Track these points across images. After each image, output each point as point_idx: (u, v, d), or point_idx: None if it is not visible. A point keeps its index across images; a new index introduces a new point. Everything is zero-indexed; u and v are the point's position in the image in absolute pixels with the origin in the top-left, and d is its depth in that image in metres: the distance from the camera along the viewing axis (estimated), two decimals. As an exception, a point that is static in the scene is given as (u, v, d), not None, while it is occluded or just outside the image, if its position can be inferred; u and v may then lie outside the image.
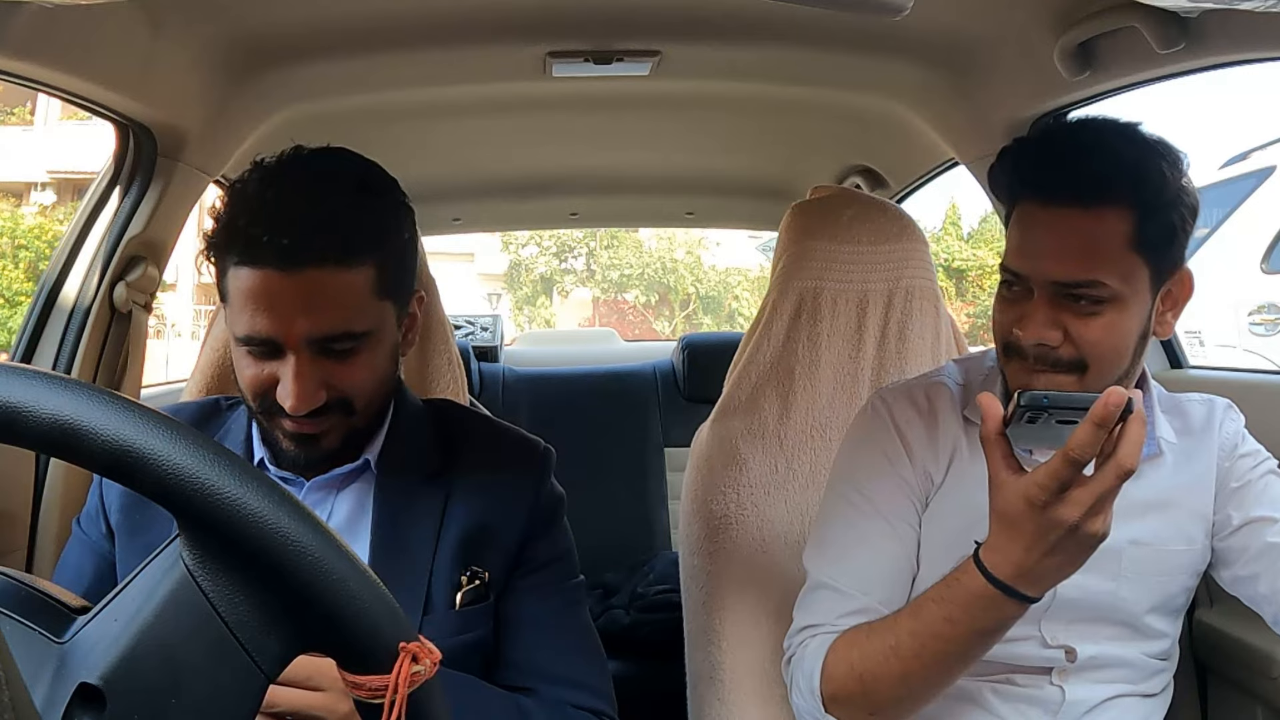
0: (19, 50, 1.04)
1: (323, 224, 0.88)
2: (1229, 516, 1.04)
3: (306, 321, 0.88)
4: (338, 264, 0.89)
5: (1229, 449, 1.07)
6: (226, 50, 1.37)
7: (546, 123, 1.97)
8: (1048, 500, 0.78)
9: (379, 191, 0.95)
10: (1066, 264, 0.92)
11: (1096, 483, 0.77)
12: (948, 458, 1.06)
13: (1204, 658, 1.31)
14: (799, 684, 1.00)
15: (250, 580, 0.50)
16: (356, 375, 0.93)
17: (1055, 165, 0.94)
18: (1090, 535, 0.79)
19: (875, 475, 1.06)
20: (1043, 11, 1.26)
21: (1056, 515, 0.78)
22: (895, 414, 1.08)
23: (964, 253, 18.18)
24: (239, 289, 0.89)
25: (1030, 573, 0.82)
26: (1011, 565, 0.82)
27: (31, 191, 16.06)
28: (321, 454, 0.96)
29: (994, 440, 0.82)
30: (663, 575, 2.25)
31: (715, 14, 1.39)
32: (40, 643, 0.50)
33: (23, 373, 0.48)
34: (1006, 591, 0.83)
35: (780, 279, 1.38)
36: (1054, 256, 0.93)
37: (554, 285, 20.95)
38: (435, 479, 1.01)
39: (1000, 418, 0.81)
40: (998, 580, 0.83)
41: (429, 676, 0.53)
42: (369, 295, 0.92)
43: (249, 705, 0.51)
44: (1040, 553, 0.80)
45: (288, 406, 0.90)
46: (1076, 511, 0.77)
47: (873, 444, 1.08)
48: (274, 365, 0.91)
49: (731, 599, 1.27)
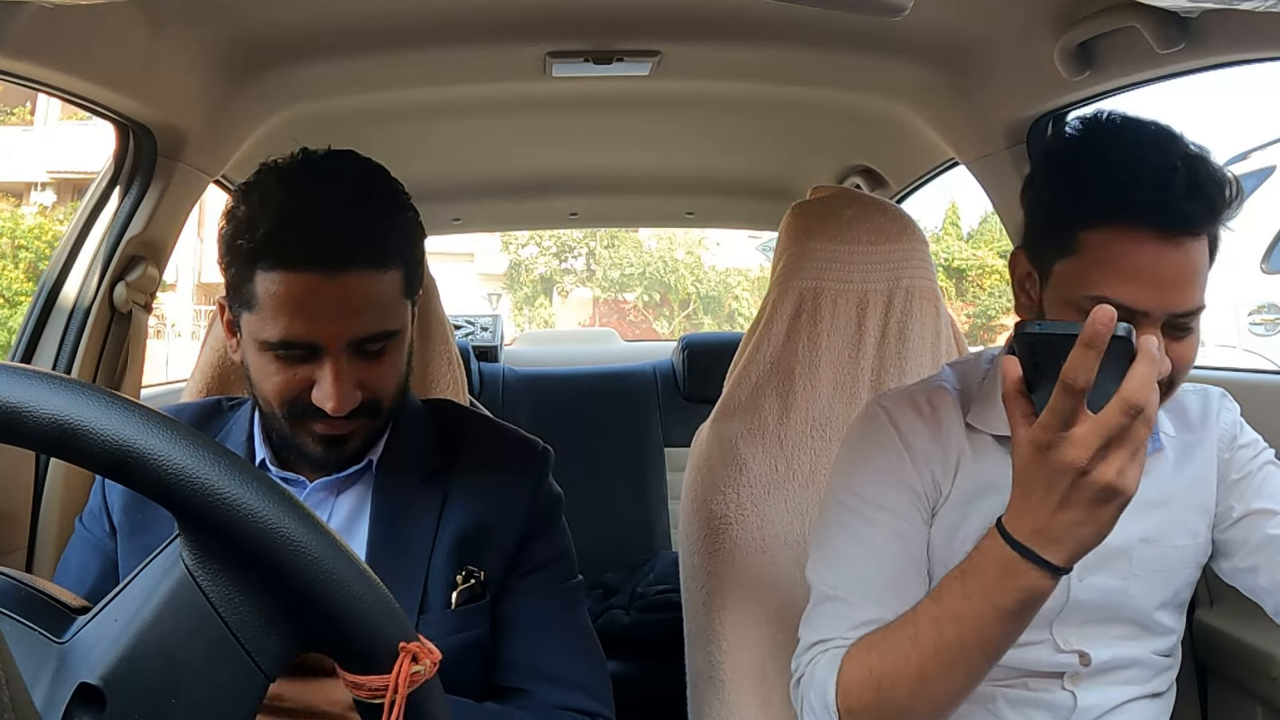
0: (19, 50, 1.04)
1: (359, 231, 0.90)
2: (1230, 508, 1.04)
3: (348, 324, 0.90)
4: (374, 268, 0.91)
5: (1228, 440, 1.07)
6: (226, 50, 1.37)
7: (546, 123, 1.97)
8: (1052, 439, 0.75)
9: (398, 199, 0.98)
10: (1189, 294, 0.90)
11: (1101, 420, 0.73)
12: (954, 465, 1.03)
13: (1204, 658, 1.31)
14: (811, 703, 0.96)
15: (250, 580, 0.50)
16: (386, 374, 0.95)
17: (1182, 196, 0.88)
18: (1106, 486, 0.74)
19: (878, 481, 1.03)
20: (1043, 11, 1.26)
21: (1062, 456, 0.74)
22: (897, 419, 1.05)
23: (964, 253, 18.20)
24: (273, 293, 0.89)
25: (1046, 530, 0.77)
26: (1028, 522, 0.78)
27: (31, 191, 16.07)
28: (346, 456, 0.97)
29: (1014, 398, 0.79)
30: (663, 575, 2.25)
31: (715, 14, 1.39)
32: (40, 643, 0.50)
33: (23, 373, 0.48)
34: (1025, 554, 0.78)
35: (780, 279, 1.38)
36: (1180, 288, 0.89)
37: (554, 285, 20.96)
38: (433, 479, 1.01)
39: (1019, 376, 0.78)
40: (1016, 541, 0.79)
41: (429, 676, 0.53)
42: (398, 296, 0.95)
43: (249, 705, 0.51)
44: (1054, 504, 0.76)
45: (329, 408, 0.91)
46: (1083, 453, 0.73)
47: (874, 449, 1.05)
48: (308, 369, 0.92)
49: (731, 599, 1.27)
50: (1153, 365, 0.73)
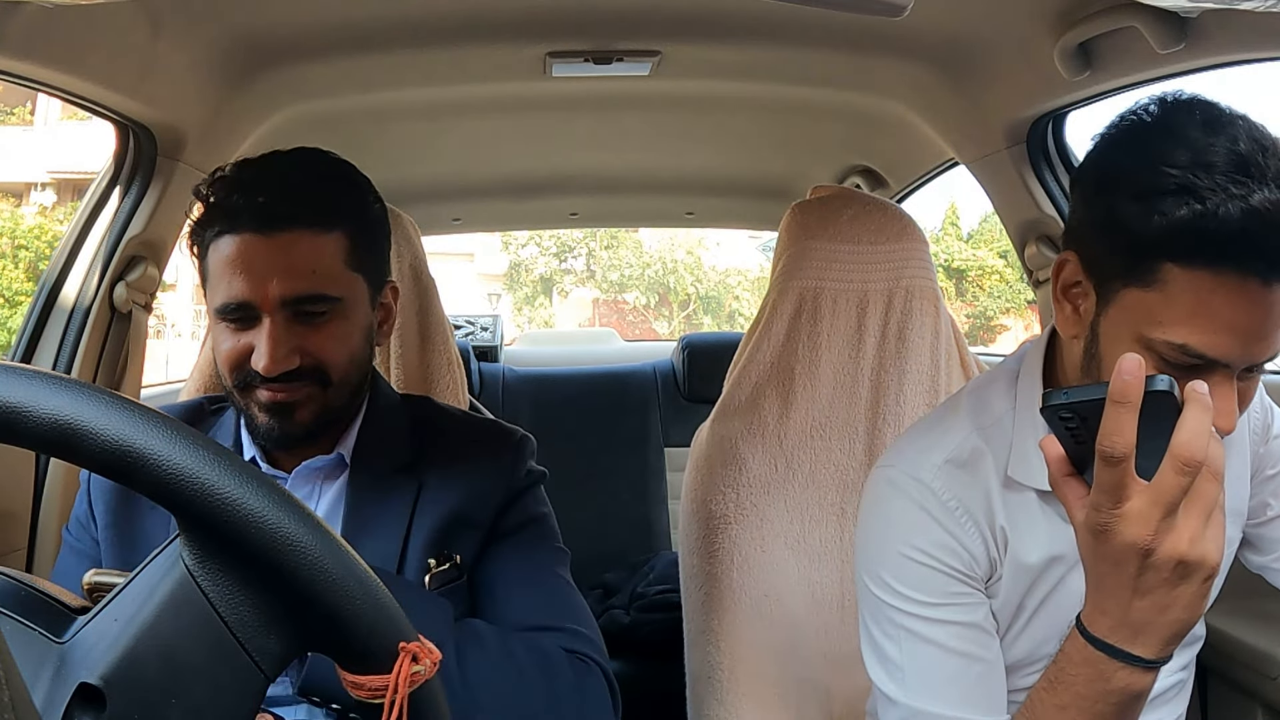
0: (19, 50, 1.05)
1: (297, 189, 0.95)
2: (1265, 504, 0.99)
3: (281, 283, 0.93)
4: (310, 227, 0.94)
5: (1260, 431, 0.99)
6: (226, 50, 1.37)
7: (546, 123, 1.97)
8: (1107, 521, 0.66)
9: (351, 176, 1.02)
10: (1276, 342, 0.77)
11: (1156, 486, 0.65)
12: (1001, 539, 0.91)
13: (1204, 658, 1.31)
14: None
15: (250, 580, 0.50)
16: (328, 343, 0.97)
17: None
18: (1181, 561, 0.66)
19: (927, 575, 0.89)
20: (1043, 11, 1.26)
21: (1122, 538, 0.66)
22: (943, 497, 0.90)
23: (964, 253, 18.19)
24: (218, 259, 0.94)
25: (1127, 623, 0.69)
26: (1106, 617, 0.70)
27: (31, 191, 16.07)
28: (297, 428, 0.97)
29: (1063, 482, 0.70)
30: (663, 575, 2.25)
31: (715, 14, 1.39)
32: (40, 643, 0.50)
33: (23, 373, 0.48)
34: (1112, 653, 0.70)
35: (780, 279, 1.38)
36: (1270, 337, 0.76)
37: (554, 285, 20.95)
38: (408, 470, 1.02)
39: (1063, 457, 0.70)
40: (1098, 640, 0.71)
41: (429, 676, 0.53)
42: (341, 263, 0.97)
43: (249, 705, 0.51)
44: (1128, 593, 0.68)
45: (260, 368, 0.93)
46: (1144, 529, 0.65)
47: (917, 539, 0.89)
48: (250, 335, 0.94)
49: (731, 599, 1.27)
50: (1205, 411, 0.65)
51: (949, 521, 0.89)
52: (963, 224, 18.96)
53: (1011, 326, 17.89)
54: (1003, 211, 1.69)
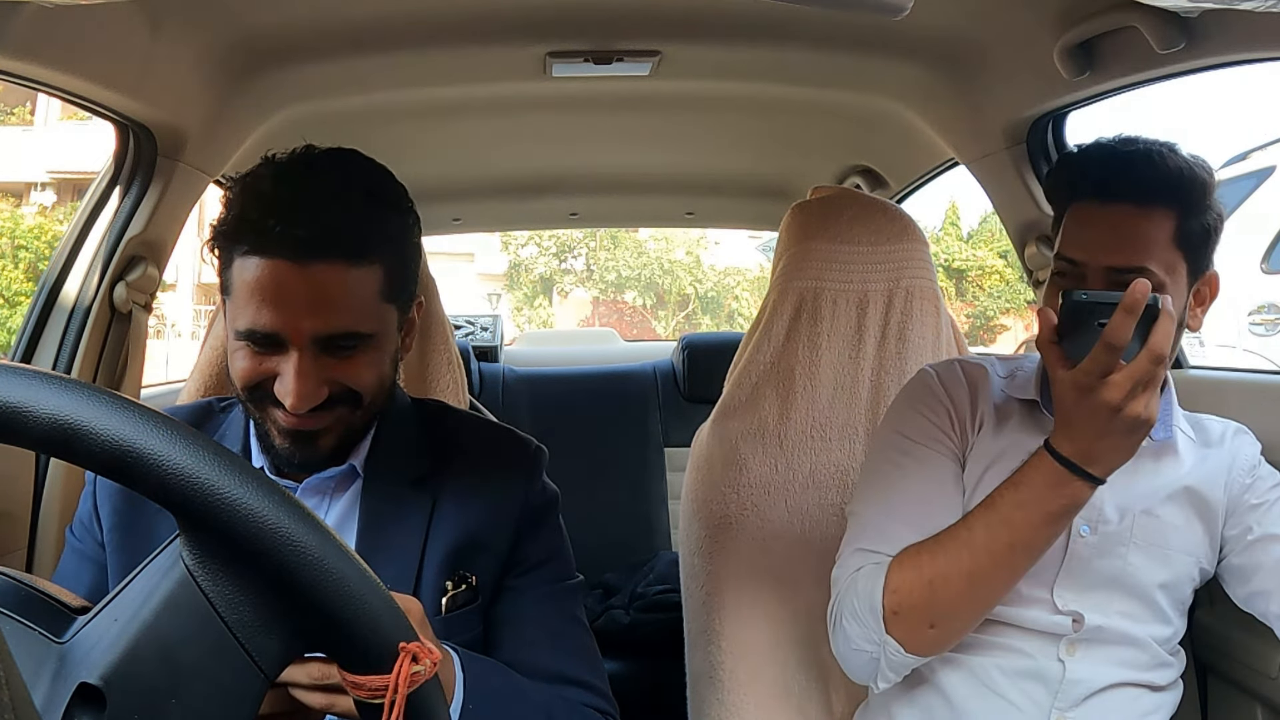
0: (19, 50, 1.04)
1: (337, 220, 0.87)
2: (1248, 528, 1.09)
3: (314, 319, 0.87)
4: (348, 261, 0.87)
5: (1247, 466, 1.13)
6: (226, 50, 1.37)
7: (546, 123, 1.97)
8: (1092, 384, 0.90)
9: (392, 198, 0.95)
10: (1122, 253, 1.02)
11: (1133, 367, 0.89)
12: (978, 424, 1.15)
13: (1204, 658, 1.31)
14: (855, 609, 1.04)
15: (250, 581, 0.50)
16: (360, 374, 0.92)
17: (1115, 170, 1.04)
18: (1134, 417, 0.90)
19: (923, 424, 1.15)
20: (1043, 11, 1.26)
21: (1101, 397, 0.90)
22: (943, 376, 1.18)
23: (964, 253, 18.19)
24: (245, 280, 0.88)
25: (1089, 453, 0.93)
26: (1073, 446, 0.94)
27: (31, 191, 16.07)
28: (318, 455, 0.94)
29: (1048, 344, 0.94)
30: (663, 575, 2.25)
31: (715, 14, 1.39)
32: (40, 643, 0.50)
33: (23, 373, 0.48)
34: (1073, 469, 0.94)
35: (780, 279, 1.38)
36: (1110, 247, 1.03)
37: (553, 286, 20.95)
38: (422, 484, 0.99)
39: (1054, 325, 0.93)
40: (1064, 458, 0.94)
41: (429, 677, 0.53)
42: (375, 297, 0.91)
43: (249, 705, 0.51)
44: (1094, 434, 0.92)
45: (288, 404, 0.88)
46: (1118, 394, 0.89)
47: (920, 401, 1.17)
48: (273, 360, 0.89)
49: (731, 599, 1.27)
50: (1172, 322, 0.91)
51: (947, 376, 1.17)
52: (963, 224, 18.96)
53: (1011, 326, 17.90)
54: (1003, 211, 1.69)
